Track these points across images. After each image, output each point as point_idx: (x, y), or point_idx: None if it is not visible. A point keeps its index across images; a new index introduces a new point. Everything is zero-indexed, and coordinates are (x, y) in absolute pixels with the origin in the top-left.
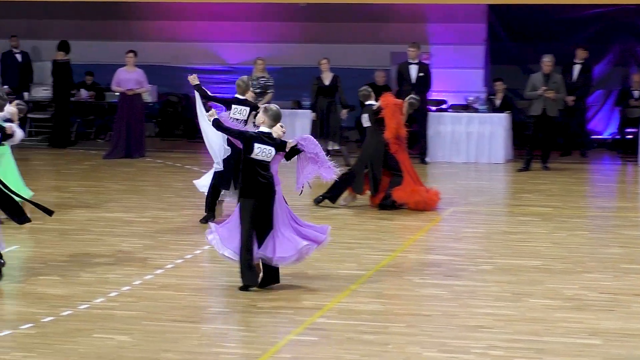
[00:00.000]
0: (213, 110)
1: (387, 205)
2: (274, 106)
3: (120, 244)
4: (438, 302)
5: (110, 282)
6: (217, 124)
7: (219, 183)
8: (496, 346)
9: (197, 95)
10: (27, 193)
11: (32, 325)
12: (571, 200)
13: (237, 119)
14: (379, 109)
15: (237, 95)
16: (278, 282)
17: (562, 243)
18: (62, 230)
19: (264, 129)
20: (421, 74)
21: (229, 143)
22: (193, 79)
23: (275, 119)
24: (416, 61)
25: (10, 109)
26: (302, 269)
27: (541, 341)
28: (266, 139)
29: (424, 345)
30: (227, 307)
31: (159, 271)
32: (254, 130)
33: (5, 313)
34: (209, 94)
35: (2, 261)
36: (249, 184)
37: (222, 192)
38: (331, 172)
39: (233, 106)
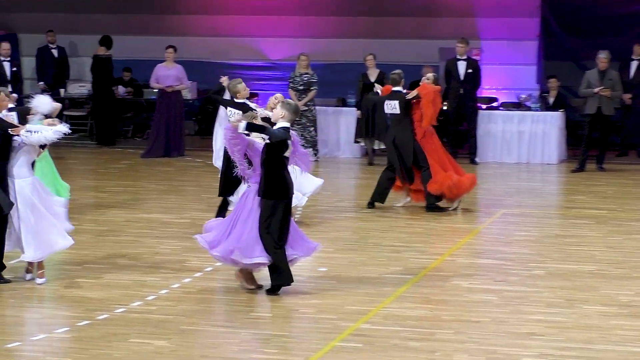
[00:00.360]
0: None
1: (433, 207)
2: (292, 100)
3: (159, 245)
4: (487, 308)
5: (148, 285)
6: (252, 126)
7: (226, 192)
8: (548, 354)
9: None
10: (65, 194)
11: (67, 329)
12: (627, 202)
13: None
14: (416, 98)
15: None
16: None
17: (618, 247)
18: (98, 231)
19: (284, 123)
20: (469, 71)
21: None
22: (224, 81)
23: (296, 112)
24: (464, 57)
25: (54, 104)
26: (347, 273)
27: (595, 349)
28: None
29: (472, 353)
30: (268, 312)
31: (197, 274)
32: (279, 128)
33: (41, 316)
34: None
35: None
36: (284, 184)
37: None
38: (308, 163)
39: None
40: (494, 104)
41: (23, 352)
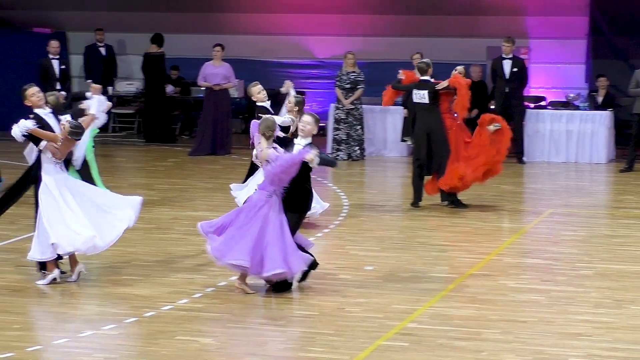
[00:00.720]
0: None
1: (454, 202)
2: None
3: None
4: (534, 307)
5: (195, 283)
6: (323, 161)
7: None
8: (595, 355)
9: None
10: None
11: (114, 326)
12: None
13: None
14: (446, 88)
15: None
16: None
17: None
18: (146, 229)
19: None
20: (515, 69)
21: None
22: (288, 86)
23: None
24: (510, 56)
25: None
26: (393, 272)
27: None
28: None
29: (519, 353)
30: (314, 310)
31: None
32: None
33: (88, 313)
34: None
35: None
36: (310, 198)
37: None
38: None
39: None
40: (542, 103)
41: (70, 349)
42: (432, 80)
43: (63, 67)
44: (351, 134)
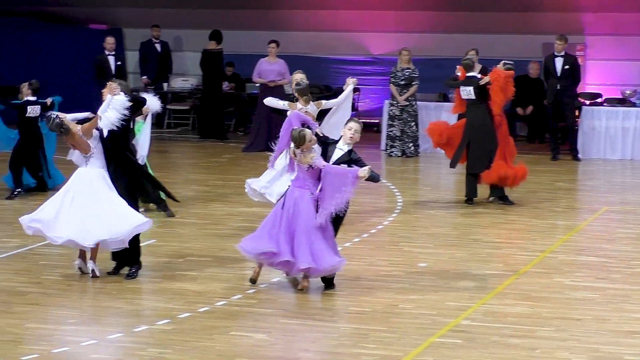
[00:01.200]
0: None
1: (501, 198)
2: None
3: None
4: (589, 305)
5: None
6: (372, 176)
7: None
8: None
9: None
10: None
11: (168, 321)
12: None
13: None
14: (488, 83)
15: None
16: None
17: None
18: (200, 224)
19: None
20: (566, 67)
21: None
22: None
23: None
24: (562, 54)
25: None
26: (447, 269)
27: None
28: None
29: (574, 351)
30: (367, 307)
31: None
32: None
33: (143, 308)
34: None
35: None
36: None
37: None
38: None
39: None
40: (598, 100)
41: (124, 344)
42: (479, 76)
43: (119, 63)
44: (405, 131)
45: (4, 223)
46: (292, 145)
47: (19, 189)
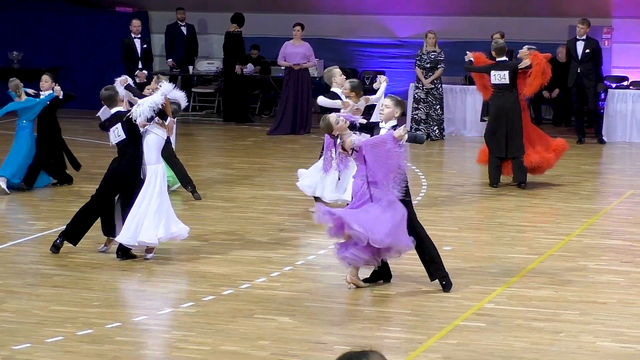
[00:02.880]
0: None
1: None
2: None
3: (283, 222)
4: (614, 289)
5: (272, 262)
6: (413, 136)
7: None
8: None
9: None
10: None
11: (192, 304)
12: None
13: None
14: (528, 67)
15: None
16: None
17: None
18: (225, 207)
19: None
20: (587, 51)
21: None
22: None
23: None
24: (583, 37)
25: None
26: (471, 252)
27: None
28: None
29: (598, 334)
30: (391, 290)
31: (321, 252)
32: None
33: (167, 291)
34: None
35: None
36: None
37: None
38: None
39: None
40: (625, 83)
41: (149, 326)
42: (508, 60)
43: (145, 46)
44: (430, 114)
45: (30, 205)
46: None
47: (28, 187)
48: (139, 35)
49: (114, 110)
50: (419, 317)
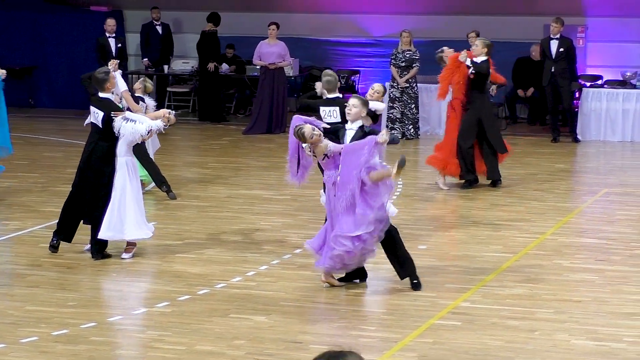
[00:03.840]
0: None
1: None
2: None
3: (259, 222)
4: (588, 287)
5: (248, 261)
6: (391, 138)
7: None
8: None
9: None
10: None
11: (168, 303)
12: None
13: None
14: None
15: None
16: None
17: None
18: (200, 207)
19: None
20: (561, 50)
21: None
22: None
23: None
24: (557, 36)
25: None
26: (446, 251)
27: None
28: None
29: (573, 333)
30: (367, 289)
31: (297, 251)
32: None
33: (142, 291)
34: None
35: None
36: None
37: None
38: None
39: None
40: (599, 82)
41: (124, 326)
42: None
43: (119, 45)
44: (406, 113)
45: (3, 205)
46: (304, 145)
47: None
48: (114, 35)
49: (104, 95)
50: (395, 316)
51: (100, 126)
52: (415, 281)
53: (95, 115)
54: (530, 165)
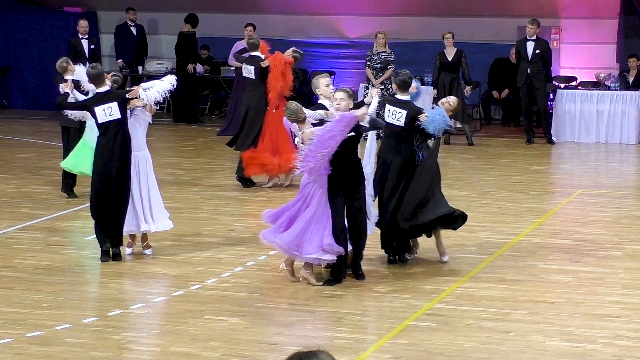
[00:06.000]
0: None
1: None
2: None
3: (234, 223)
4: (563, 288)
5: (223, 263)
6: (374, 120)
7: None
8: (624, 336)
9: None
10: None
11: (142, 305)
12: None
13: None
14: (267, 68)
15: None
16: None
17: None
18: (175, 208)
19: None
20: (537, 51)
21: None
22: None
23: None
24: (533, 38)
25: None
26: (421, 252)
27: None
28: None
29: (547, 334)
30: (342, 290)
31: (272, 252)
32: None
33: (117, 292)
34: None
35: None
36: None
37: None
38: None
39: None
40: (573, 83)
41: (99, 327)
42: (263, 56)
43: (92, 46)
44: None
45: None
46: (297, 138)
47: None
48: (87, 36)
49: (101, 89)
50: (370, 317)
51: (120, 116)
52: (359, 272)
53: (107, 111)
54: (504, 167)
